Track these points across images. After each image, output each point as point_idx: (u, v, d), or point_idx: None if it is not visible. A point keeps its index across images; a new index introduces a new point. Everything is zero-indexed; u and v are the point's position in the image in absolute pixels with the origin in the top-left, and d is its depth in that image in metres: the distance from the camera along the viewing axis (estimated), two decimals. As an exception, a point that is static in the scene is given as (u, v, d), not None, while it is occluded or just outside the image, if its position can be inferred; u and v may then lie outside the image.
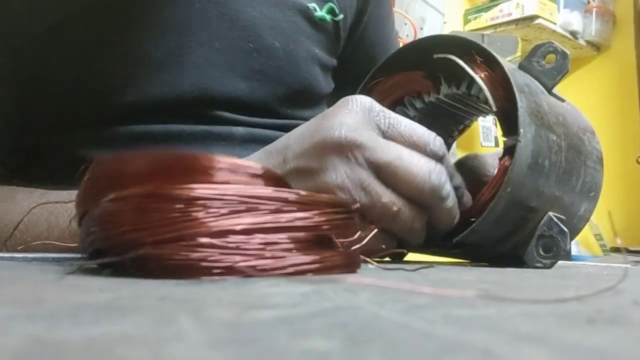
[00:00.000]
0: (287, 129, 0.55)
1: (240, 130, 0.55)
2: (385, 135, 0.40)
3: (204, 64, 0.52)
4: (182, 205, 0.22)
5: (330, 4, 0.60)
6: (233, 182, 0.25)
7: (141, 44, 0.50)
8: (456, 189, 0.41)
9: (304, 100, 0.60)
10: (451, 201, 0.40)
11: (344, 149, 0.38)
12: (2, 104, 0.53)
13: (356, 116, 0.39)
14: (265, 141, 0.54)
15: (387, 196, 0.38)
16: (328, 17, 0.60)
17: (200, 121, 0.53)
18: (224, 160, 0.25)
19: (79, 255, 0.27)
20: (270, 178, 0.27)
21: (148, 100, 0.51)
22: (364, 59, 0.68)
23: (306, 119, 0.59)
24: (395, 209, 0.38)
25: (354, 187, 0.38)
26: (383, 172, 0.38)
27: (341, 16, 0.62)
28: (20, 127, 0.53)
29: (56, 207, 0.44)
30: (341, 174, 0.38)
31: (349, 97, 0.41)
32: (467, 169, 0.51)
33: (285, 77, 0.57)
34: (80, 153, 0.50)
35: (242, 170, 0.26)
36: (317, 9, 0.59)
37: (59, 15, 0.49)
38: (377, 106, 0.40)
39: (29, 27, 0.50)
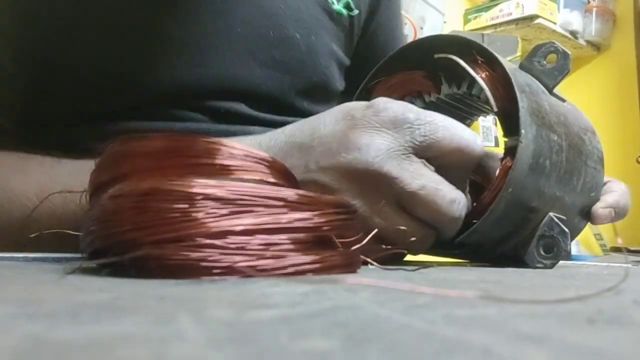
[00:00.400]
0: None
1: (257, 130, 0.53)
2: (420, 147, 0.38)
3: (225, 49, 0.51)
4: (182, 205, 0.22)
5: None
6: (242, 168, 0.25)
7: (163, 26, 0.49)
8: None
9: (320, 94, 0.59)
10: (460, 219, 0.40)
11: (372, 179, 0.37)
12: (20, 83, 0.52)
13: (387, 135, 0.38)
14: None
15: (403, 223, 0.38)
16: (345, 11, 0.60)
17: (217, 118, 0.52)
18: (236, 147, 0.25)
19: (79, 255, 0.27)
20: (277, 169, 0.27)
21: (167, 86, 0.50)
22: (372, 61, 0.68)
23: None
24: (409, 234, 0.38)
25: (373, 215, 0.38)
26: (407, 202, 0.38)
27: (356, 12, 0.62)
28: (30, 118, 0.52)
29: (70, 178, 0.43)
30: (363, 203, 0.38)
31: (379, 101, 0.39)
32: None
33: (304, 69, 0.57)
34: (89, 147, 0.49)
35: (252, 157, 0.26)
36: (335, 2, 0.59)
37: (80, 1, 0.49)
38: (411, 114, 0.38)
39: (52, 9, 0.49)
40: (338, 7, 0.59)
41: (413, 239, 0.38)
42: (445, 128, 0.39)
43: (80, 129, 0.51)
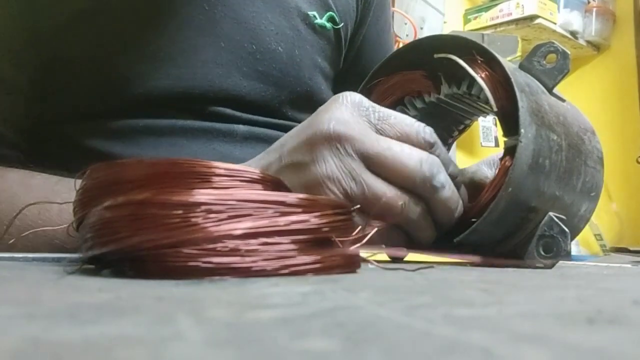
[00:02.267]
0: (287, 129, 0.58)
1: (241, 127, 0.57)
2: (376, 128, 0.40)
3: (210, 62, 0.55)
4: (180, 211, 0.22)
5: (331, 12, 0.63)
6: (231, 187, 0.25)
7: (156, 40, 0.53)
8: (452, 177, 0.41)
9: (306, 104, 0.62)
10: (448, 191, 0.40)
11: (333, 140, 0.38)
12: (21, 87, 0.54)
13: (346, 110, 0.40)
14: (265, 139, 0.57)
15: (378, 185, 0.38)
16: (328, 25, 0.63)
17: (203, 117, 0.56)
18: (221, 166, 0.26)
19: (79, 255, 0.27)
20: (269, 182, 0.27)
21: (158, 93, 0.53)
22: (356, 75, 0.70)
23: None
24: (388, 198, 0.38)
25: (344, 177, 0.38)
26: (374, 163, 0.39)
27: (342, 24, 0.64)
28: (33, 115, 0.55)
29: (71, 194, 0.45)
30: (331, 165, 0.38)
31: (339, 94, 0.41)
32: (465, 178, 0.52)
33: (287, 80, 0.60)
34: (88, 144, 0.52)
35: (240, 175, 0.26)
36: (317, 17, 0.62)
37: (84, 5, 0.52)
38: (366, 101, 0.41)
39: (55, 14, 0.52)
40: (321, 21, 0.62)
41: (401, 203, 0.38)
42: (396, 116, 0.41)
43: (80, 127, 0.53)
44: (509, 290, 0.23)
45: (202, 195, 0.23)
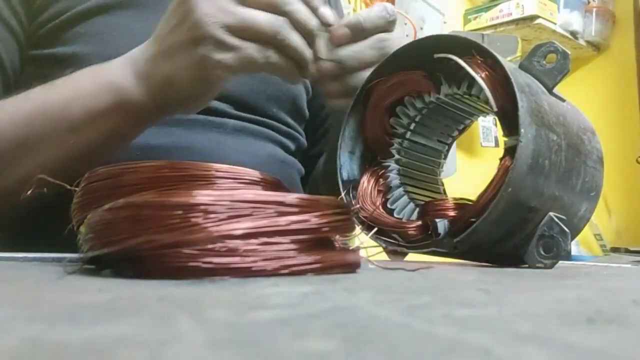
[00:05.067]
0: (273, 127, 0.65)
1: (231, 122, 0.63)
2: None
3: None
4: (180, 212, 0.22)
5: None
6: (231, 189, 0.25)
7: (149, 30, 0.59)
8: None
9: (288, 104, 0.68)
10: (298, 5, 0.45)
11: None
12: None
13: None
14: (254, 134, 0.63)
15: (250, 12, 0.44)
16: None
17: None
18: (221, 168, 0.26)
19: (79, 255, 0.27)
20: (268, 183, 0.27)
21: None
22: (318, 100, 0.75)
23: (290, 125, 0.68)
24: (254, 17, 0.44)
25: (220, 12, 0.43)
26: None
27: None
28: None
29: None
30: (206, 6, 0.43)
31: None
32: None
33: (273, 80, 0.63)
34: None
35: (240, 177, 0.26)
36: None
37: (90, 3, 0.59)
38: None
39: (76, 6, 0.58)
40: None
41: (274, 23, 0.44)
42: None
43: None
44: (509, 290, 0.23)
45: (202, 196, 0.23)
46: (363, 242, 0.31)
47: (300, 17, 0.45)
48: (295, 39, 0.46)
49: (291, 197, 0.24)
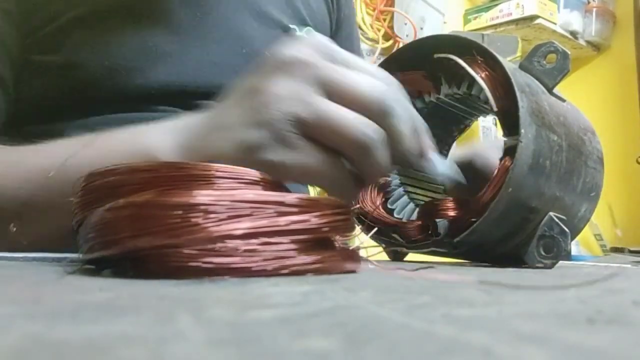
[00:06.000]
0: None
1: None
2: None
3: (204, 60, 0.60)
4: (180, 212, 0.22)
5: (309, 27, 0.69)
6: (231, 189, 0.25)
7: (154, 37, 0.59)
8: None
9: None
10: (406, 124, 0.36)
11: (289, 66, 0.36)
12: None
13: (307, 43, 0.37)
14: None
15: (331, 107, 0.34)
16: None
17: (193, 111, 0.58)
18: (221, 168, 0.26)
19: (79, 255, 0.27)
20: (268, 183, 0.27)
21: (154, 86, 0.57)
22: None
23: None
24: (339, 117, 0.34)
25: (296, 99, 0.35)
26: (329, 88, 0.35)
27: None
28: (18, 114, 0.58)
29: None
30: (282, 86, 0.35)
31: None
32: (473, 169, 0.52)
33: None
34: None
35: (240, 177, 0.26)
36: (297, 30, 0.67)
37: (92, 7, 0.58)
38: (332, 45, 0.38)
39: (71, 11, 0.57)
40: (300, 33, 0.67)
41: (340, 119, 0.34)
42: (357, 59, 0.38)
43: (74, 119, 0.56)
44: (509, 290, 0.23)
45: (202, 196, 0.23)
46: (363, 242, 0.31)
47: (403, 140, 0.36)
48: (383, 161, 0.35)
49: (291, 197, 0.25)
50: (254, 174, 0.27)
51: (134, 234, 0.22)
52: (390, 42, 1.81)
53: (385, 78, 0.37)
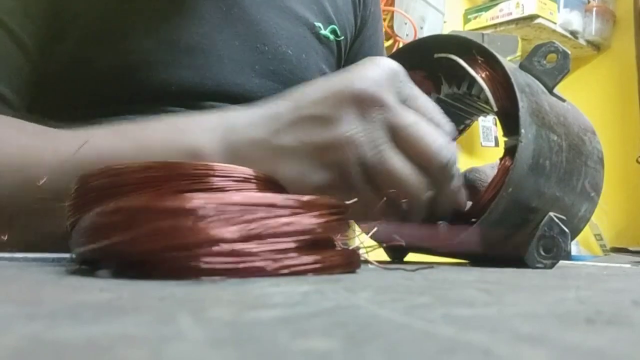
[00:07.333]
0: None
1: None
2: (404, 104, 0.39)
3: (225, 57, 0.58)
4: (179, 214, 0.22)
5: (333, 25, 0.67)
6: (227, 188, 0.25)
7: (175, 30, 0.56)
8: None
9: None
10: (457, 184, 0.40)
11: (364, 102, 0.37)
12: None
13: (382, 74, 0.38)
14: None
15: (396, 159, 0.37)
16: (331, 36, 0.67)
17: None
18: (214, 166, 0.26)
19: (72, 256, 0.27)
20: (262, 181, 0.27)
21: (175, 82, 0.55)
22: None
23: None
24: (402, 173, 0.37)
25: (366, 143, 0.36)
26: (398, 135, 0.37)
27: (342, 37, 0.69)
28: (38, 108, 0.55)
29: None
30: (355, 128, 0.36)
31: (377, 57, 0.40)
32: (469, 181, 0.52)
33: (296, 81, 0.63)
34: None
35: (235, 175, 0.26)
36: (322, 28, 0.66)
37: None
38: (404, 73, 0.40)
39: (93, 6, 0.55)
40: (325, 32, 0.66)
41: (403, 174, 0.37)
42: (426, 99, 0.40)
43: (91, 114, 0.53)
44: (509, 290, 0.23)
45: (201, 197, 0.23)
46: (363, 242, 0.31)
47: (449, 202, 0.40)
48: (424, 212, 0.39)
49: (291, 198, 0.25)
50: (247, 171, 0.27)
51: (132, 235, 0.22)
52: (390, 41, 1.81)
53: (446, 125, 0.40)
